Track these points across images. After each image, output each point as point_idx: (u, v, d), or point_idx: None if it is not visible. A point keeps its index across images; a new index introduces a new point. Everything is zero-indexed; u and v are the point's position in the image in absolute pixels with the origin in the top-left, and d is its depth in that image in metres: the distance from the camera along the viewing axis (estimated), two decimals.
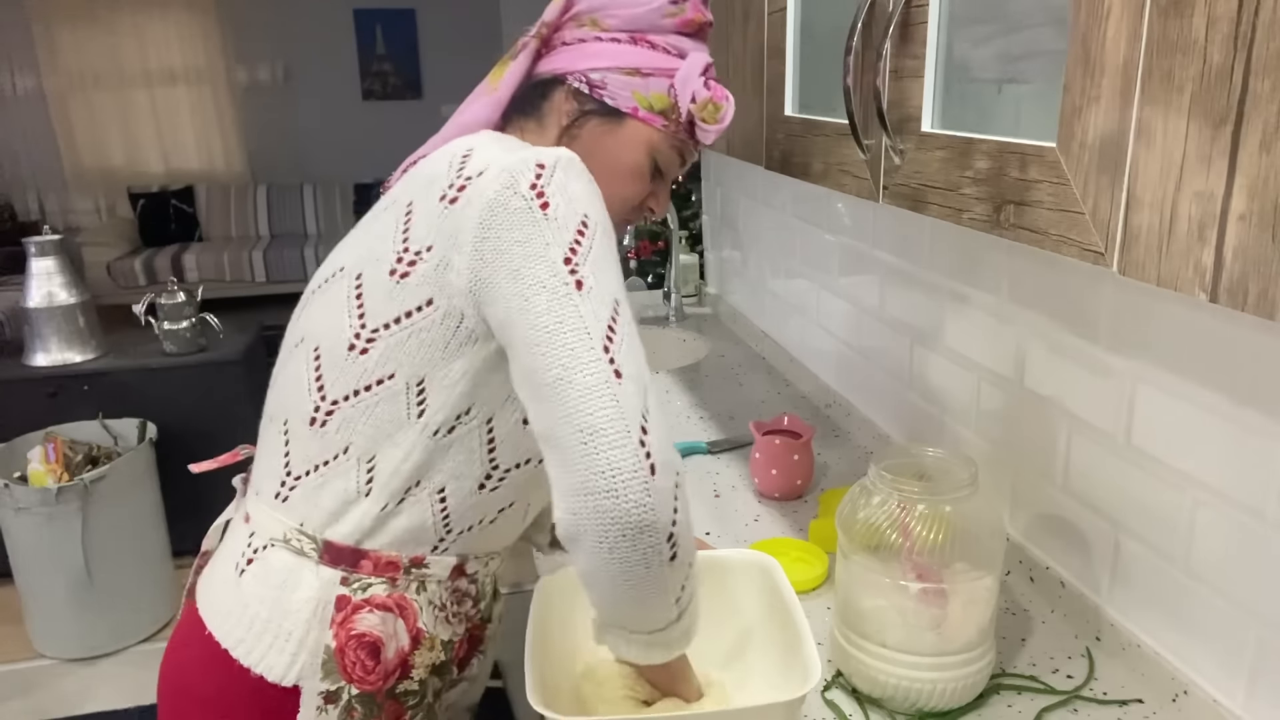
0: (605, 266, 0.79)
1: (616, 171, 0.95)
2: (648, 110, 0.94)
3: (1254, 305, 0.51)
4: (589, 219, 0.79)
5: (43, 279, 2.86)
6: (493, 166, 0.81)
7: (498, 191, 0.79)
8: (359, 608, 0.89)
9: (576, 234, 0.78)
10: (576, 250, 0.77)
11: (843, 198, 1.70)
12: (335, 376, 0.87)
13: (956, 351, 1.36)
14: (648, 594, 0.77)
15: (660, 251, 3.37)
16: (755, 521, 1.41)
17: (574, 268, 0.77)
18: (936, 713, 0.97)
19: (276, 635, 0.89)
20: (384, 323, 0.85)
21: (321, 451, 0.89)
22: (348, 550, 0.89)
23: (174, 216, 6.58)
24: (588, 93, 0.93)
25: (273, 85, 6.95)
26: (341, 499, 0.88)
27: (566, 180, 0.80)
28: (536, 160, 0.80)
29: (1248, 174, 0.51)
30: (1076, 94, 0.64)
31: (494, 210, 0.79)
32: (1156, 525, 0.99)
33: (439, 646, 0.93)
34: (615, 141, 0.94)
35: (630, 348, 0.77)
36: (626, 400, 0.74)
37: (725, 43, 1.35)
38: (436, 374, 0.84)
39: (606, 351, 0.75)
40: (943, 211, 0.82)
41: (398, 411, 0.86)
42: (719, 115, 0.95)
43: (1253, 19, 0.50)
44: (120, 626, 2.75)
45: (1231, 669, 0.92)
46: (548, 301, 0.76)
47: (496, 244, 0.79)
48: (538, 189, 0.79)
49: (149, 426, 2.85)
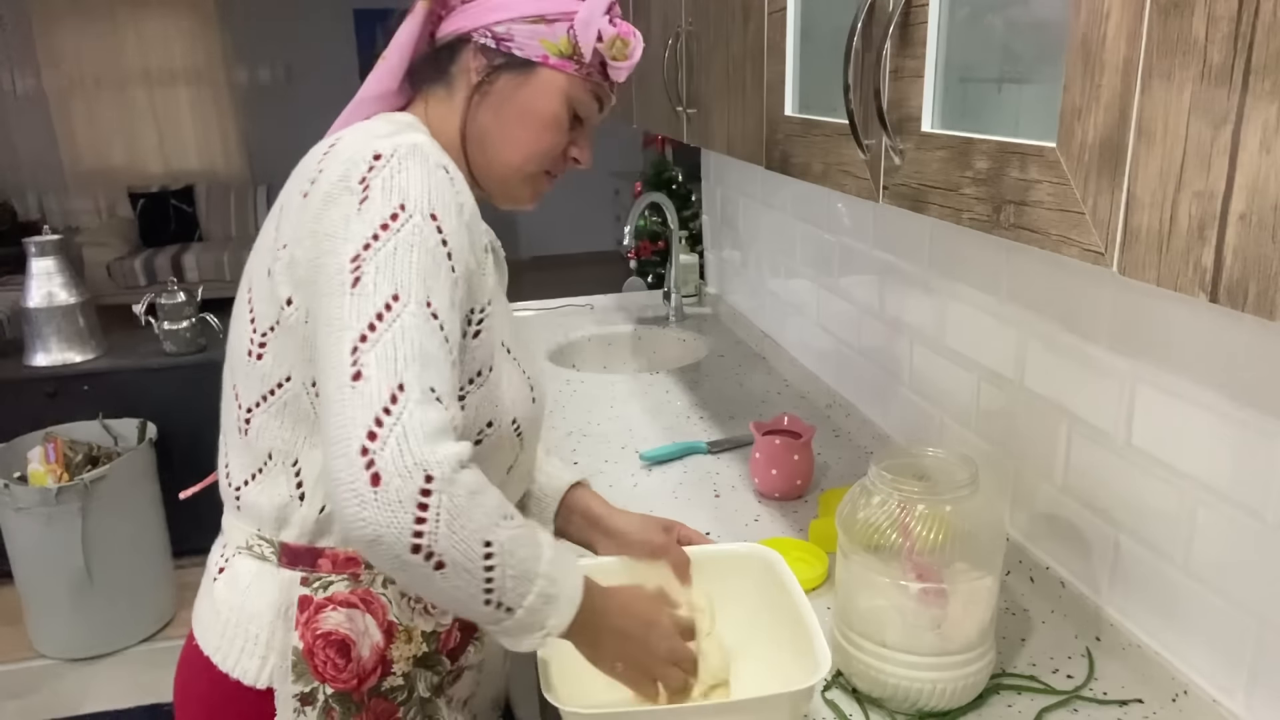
0: (402, 259, 0.76)
1: (534, 122, 0.93)
2: (557, 56, 0.91)
3: (1254, 305, 0.51)
4: (404, 207, 0.78)
5: (43, 279, 2.86)
6: (337, 159, 0.82)
7: (332, 184, 0.80)
8: (322, 606, 0.88)
9: (380, 226, 0.77)
10: (370, 244, 0.76)
11: (843, 198, 1.70)
12: (244, 385, 0.89)
13: (956, 351, 1.36)
14: (442, 598, 0.75)
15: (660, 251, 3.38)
16: (755, 521, 1.41)
17: (359, 264, 0.76)
18: (936, 713, 0.97)
19: (246, 639, 0.90)
20: (269, 325, 0.85)
21: (252, 460, 0.90)
22: (303, 550, 0.89)
23: (174, 216, 6.58)
24: (494, 47, 0.91)
25: (273, 85, 6.95)
26: (280, 504, 0.89)
27: (398, 169, 0.79)
28: (374, 151, 0.80)
29: (1248, 174, 0.51)
30: (1076, 94, 0.64)
31: (325, 203, 0.80)
32: (1156, 525, 0.99)
33: (419, 638, 0.92)
34: (529, 92, 0.92)
35: (387, 346, 0.73)
36: (352, 407, 0.70)
37: (725, 43, 1.35)
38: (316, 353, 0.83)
39: (353, 353, 0.72)
40: (943, 211, 0.82)
41: (304, 412, 0.86)
42: (628, 51, 0.93)
43: (1253, 19, 0.50)
44: (120, 626, 2.75)
45: (1231, 669, 0.92)
46: (325, 300, 0.77)
47: (315, 239, 0.80)
48: (365, 181, 0.79)
49: (149, 426, 2.85)
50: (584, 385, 2.05)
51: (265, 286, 0.86)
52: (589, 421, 1.82)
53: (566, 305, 2.70)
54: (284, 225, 0.85)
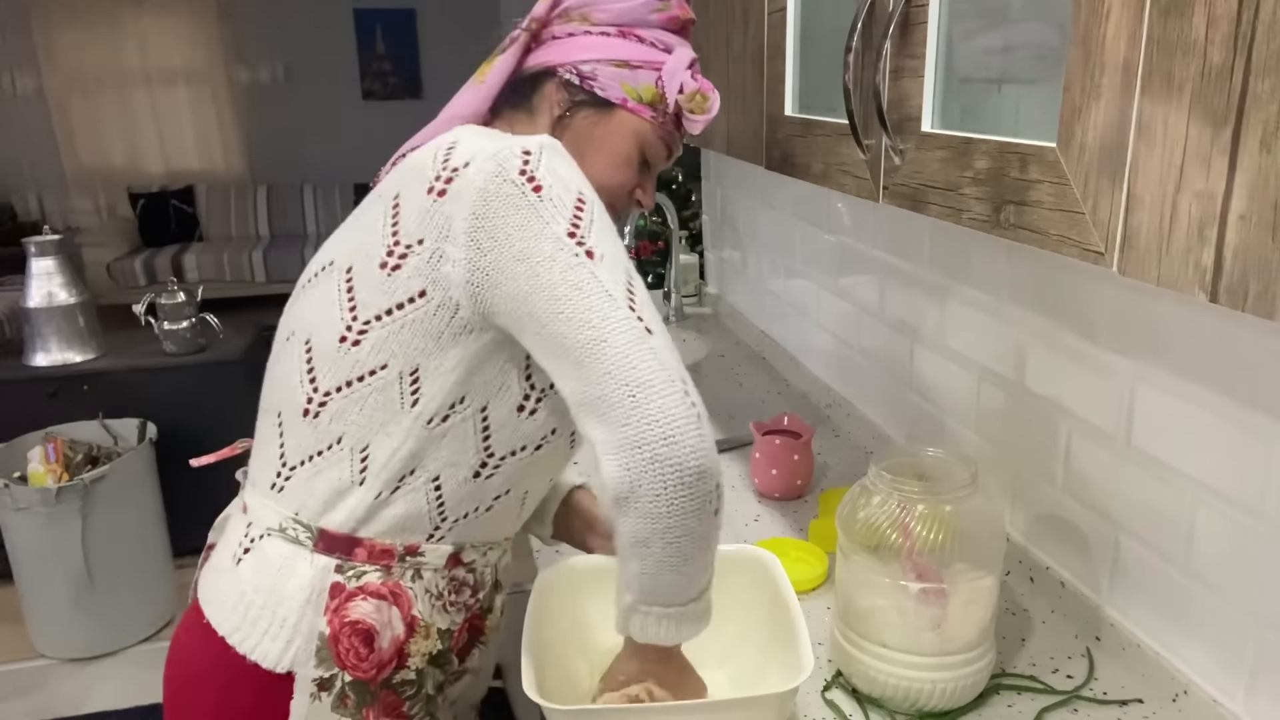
0: (610, 237, 0.80)
1: (606, 160, 0.96)
2: (636, 101, 0.95)
3: (1254, 305, 0.51)
4: (584, 195, 0.81)
5: (43, 279, 2.86)
6: (479, 156, 0.82)
7: (487, 179, 0.80)
8: (353, 595, 0.90)
9: (575, 210, 0.80)
10: (579, 224, 0.79)
11: (843, 198, 1.70)
12: (327, 368, 0.88)
13: (956, 351, 1.36)
14: (695, 551, 0.79)
15: (660, 251, 3.37)
16: (755, 521, 1.41)
17: (580, 239, 0.78)
18: (936, 713, 0.97)
19: (271, 622, 0.90)
20: (375, 314, 0.86)
21: (315, 442, 0.90)
22: (342, 538, 0.90)
23: (174, 216, 6.58)
24: (578, 84, 0.95)
25: (273, 85, 6.95)
26: (335, 488, 0.89)
27: (554, 163, 0.81)
28: (522, 147, 0.81)
29: (1248, 174, 0.51)
30: (1076, 94, 0.64)
31: (486, 199, 0.80)
32: (1156, 525, 0.99)
33: (435, 635, 0.93)
34: (605, 131, 0.96)
35: (652, 310, 0.79)
36: (663, 354, 0.77)
37: (725, 43, 1.35)
38: (430, 364, 0.85)
39: (633, 310, 0.77)
40: (943, 211, 0.82)
41: (391, 401, 0.87)
42: (706, 106, 0.97)
43: (1253, 19, 0.50)
44: (120, 626, 2.75)
45: (1231, 669, 0.92)
46: (561, 272, 0.78)
47: (493, 232, 0.79)
48: (527, 174, 0.80)
49: (149, 426, 2.85)
50: None
51: (377, 277, 0.85)
52: None
53: None
54: (408, 222, 0.84)
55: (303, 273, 0.97)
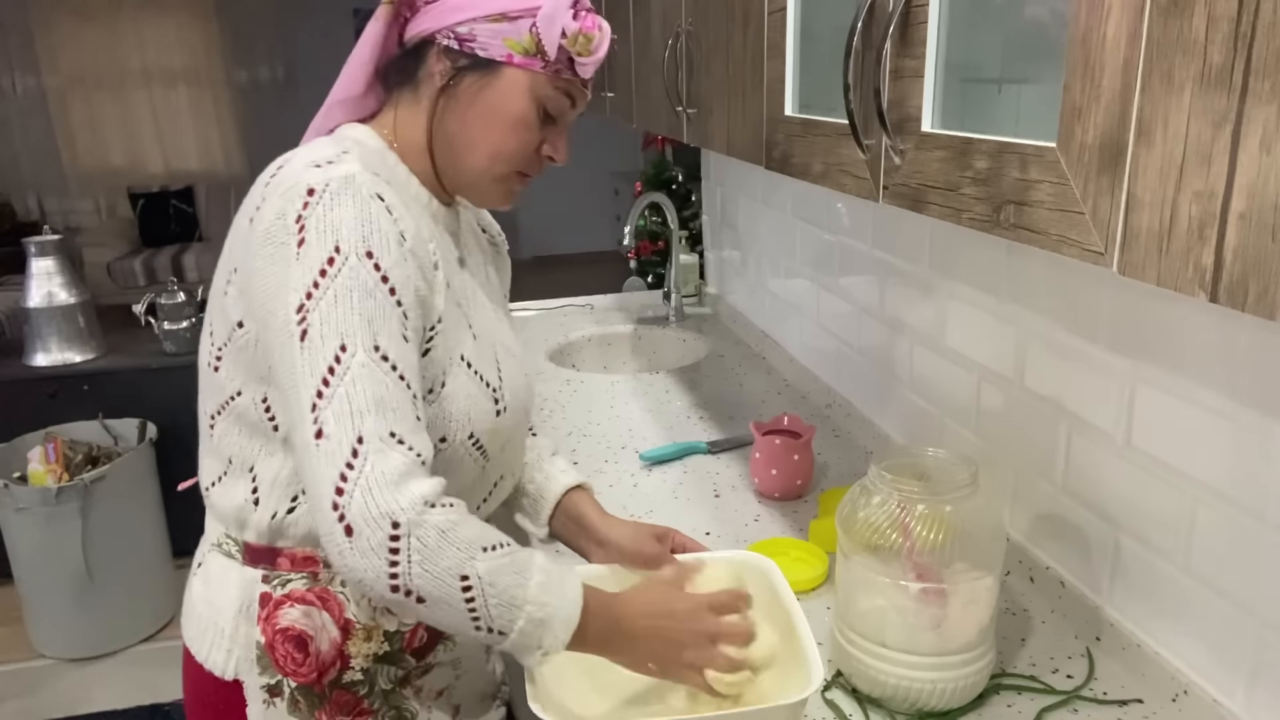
0: (343, 305, 0.78)
1: (502, 124, 0.91)
2: (522, 55, 0.89)
3: (1254, 305, 0.51)
4: (340, 250, 0.79)
5: (43, 279, 2.86)
6: (278, 188, 0.82)
7: (270, 221, 0.81)
8: (280, 603, 0.92)
9: (319, 273, 0.78)
10: (312, 294, 0.78)
11: (843, 198, 1.70)
12: (206, 393, 0.93)
13: (956, 351, 1.36)
14: (437, 625, 0.81)
15: (660, 251, 3.37)
16: (755, 521, 1.41)
17: (304, 315, 0.78)
18: (936, 713, 0.97)
19: (215, 633, 0.94)
20: (222, 341, 0.89)
21: (217, 465, 0.93)
22: (263, 549, 0.93)
23: (174, 216, 6.58)
24: (458, 48, 0.89)
25: (273, 85, 6.95)
26: (238, 506, 0.92)
27: (331, 206, 0.80)
28: (308, 186, 0.81)
29: (1248, 174, 0.51)
30: (1076, 94, 0.64)
31: (265, 239, 0.81)
32: (1156, 525, 0.99)
33: (379, 637, 0.94)
34: (495, 93, 0.90)
35: (345, 399, 0.76)
36: (321, 464, 0.76)
37: (725, 43, 1.35)
38: (274, 391, 0.86)
39: (313, 409, 0.76)
40: (943, 211, 0.82)
41: (257, 424, 0.89)
42: (591, 46, 0.90)
43: (1253, 19, 0.49)
44: (120, 626, 2.75)
45: (1231, 669, 0.92)
46: (280, 350, 0.79)
47: (262, 280, 0.81)
48: (301, 221, 0.79)
49: (149, 426, 2.85)
50: (584, 385, 2.05)
51: (219, 303, 0.89)
52: (589, 421, 1.82)
53: (566, 305, 2.70)
54: (234, 249, 0.87)
55: None
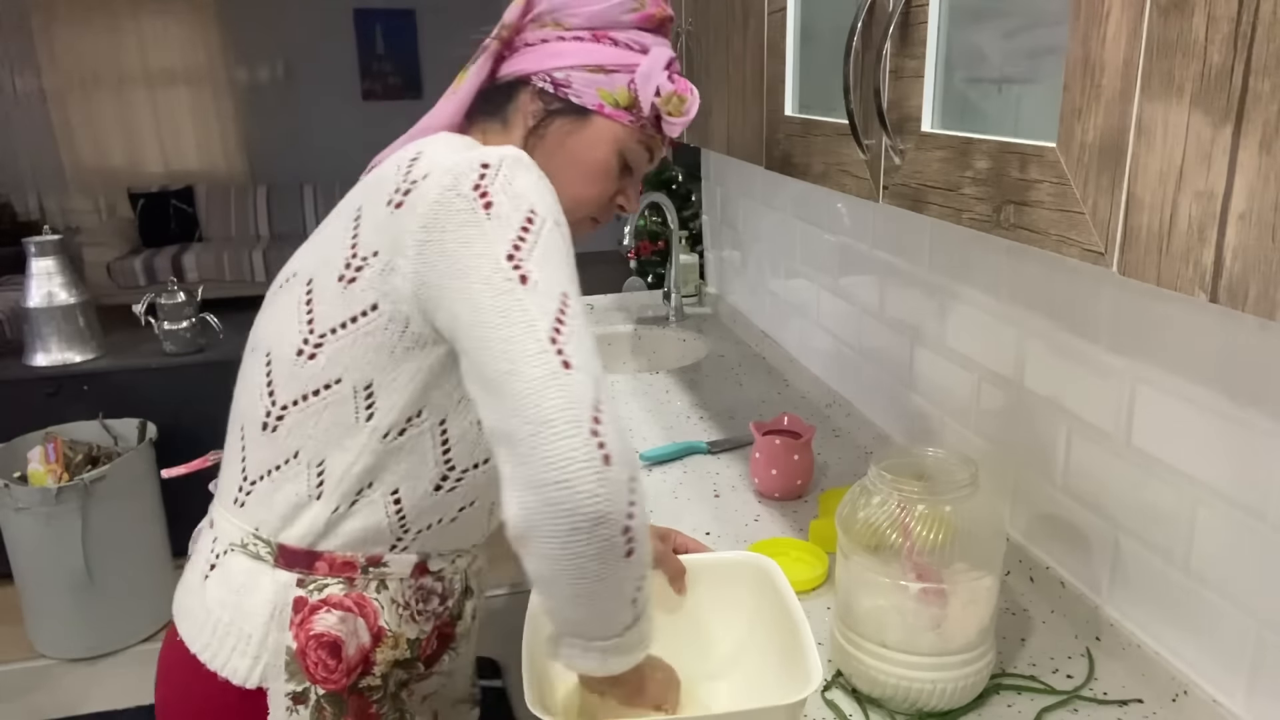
0: (553, 260, 0.77)
1: (584, 169, 0.95)
2: (613, 106, 0.93)
3: (1254, 305, 0.51)
4: (535, 213, 0.78)
5: (43, 279, 2.86)
6: (436, 169, 0.81)
7: (440, 193, 0.79)
8: (316, 608, 0.90)
9: (521, 229, 0.77)
10: (520, 245, 0.76)
11: (843, 198, 1.70)
12: (284, 382, 0.88)
13: (956, 351, 1.36)
14: (604, 593, 0.75)
15: (660, 251, 3.37)
16: (755, 521, 1.41)
17: (518, 263, 0.75)
18: (936, 713, 0.97)
19: (239, 639, 0.90)
20: (331, 328, 0.85)
21: (274, 456, 0.90)
22: (301, 553, 0.90)
23: (174, 216, 6.58)
24: (552, 92, 0.93)
25: (273, 85, 6.95)
26: (293, 503, 0.89)
27: (512, 177, 0.79)
28: (481, 160, 0.79)
29: (1248, 174, 0.51)
30: (1076, 94, 0.64)
31: (436, 212, 0.78)
32: (1156, 525, 0.99)
33: (403, 644, 0.93)
34: (582, 140, 0.94)
35: (580, 340, 0.74)
36: (576, 390, 0.71)
37: (725, 43, 1.35)
38: (384, 378, 0.84)
39: (554, 343, 0.73)
40: (943, 211, 0.82)
41: (346, 415, 0.86)
42: (684, 108, 0.95)
43: (1253, 19, 0.50)
44: (120, 626, 2.75)
45: (1231, 669, 0.92)
46: (492, 298, 0.75)
47: (440, 246, 0.78)
48: (480, 189, 0.78)
49: (149, 426, 2.85)
50: None
51: (334, 290, 0.85)
52: None
53: None
54: (366, 234, 0.84)
55: (271, 284, 0.96)
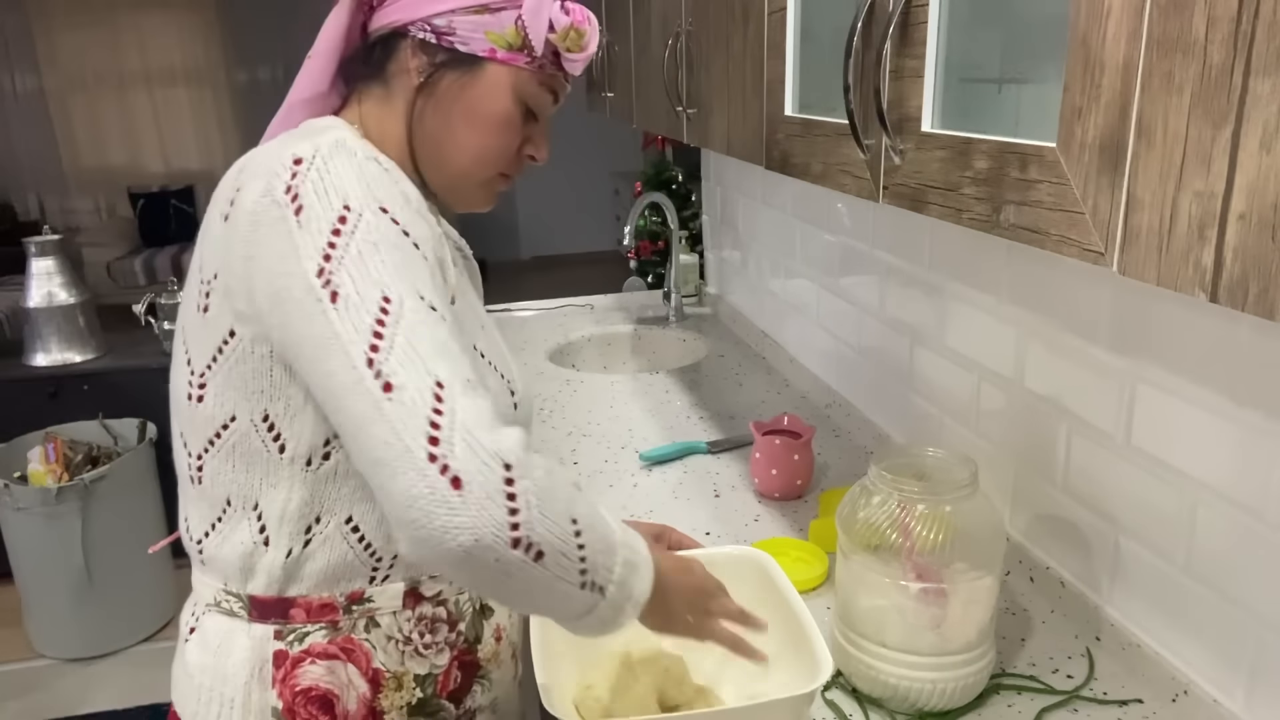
0: (371, 260, 0.70)
1: (484, 123, 0.85)
2: (505, 50, 0.83)
3: (1254, 305, 0.51)
4: (349, 208, 0.72)
5: (43, 279, 2.86)
6: (256, 172, 0.75)
7: (255, 201, 0.74)
8: (299, 661, 0.83)
9: (332, 234, 0.71)
10: (330, 254, 0.70)
11: (843, 198, 1.70)
12: (190, 430, 0.83)
13: (956, 351, 1.36)
14: (540, 591, 0.69)
15: (660, 251, 3.37)
16: (755, 521, 1.41)
17: (327, 278, 0.70)
18: (936, 713, 0.97)
19: (221, 703, 0.84)
20: (205, 364, 0.80)
21: (210, 509, 0.84)
22: (273, 601, 0.83)
23: (174, 216, 6.58)
24: (435, 42, 0.82)
25: (273, 85, 6.95)
26: (243, 552, 0.82)
27: (325, 170, 0.73)
28: (293, 156, 0.74)
29: (1248, 174, 0.51)
30: (1076, 94, 0.64)
31: (255, 224, 0.74)
32: (1156, 525, 0.99)
33: (410, 684, 0.86)
34: (477, 91, 0.84)
35: (405, 348, 0.68)
36: (400, 416, 0.65)
37: (725, 43, 1.35)
38: (276, 406, 0.78)
39: (371, 366, 0.67)
40: (943, 211, 0.81)
41: (257, 452, 0.80)
42: (583, 41, 0.84)
43: (1253, 19, 0.49)
44: (120, 626, 2.75)
45: (1231, 669, 0.92)
46: (307, 325, 0.70)
47: (260, 262, 0.73)
48: (291, 190, 0.72)
49: (149, 426, 2.85)
50: (584, 385, 2.05)
51: (197, 322, 0.80)
52: (589, 421, 1.82)
53: (566, 305, 2.70)
54: (207, 254, 0.79)
55: None
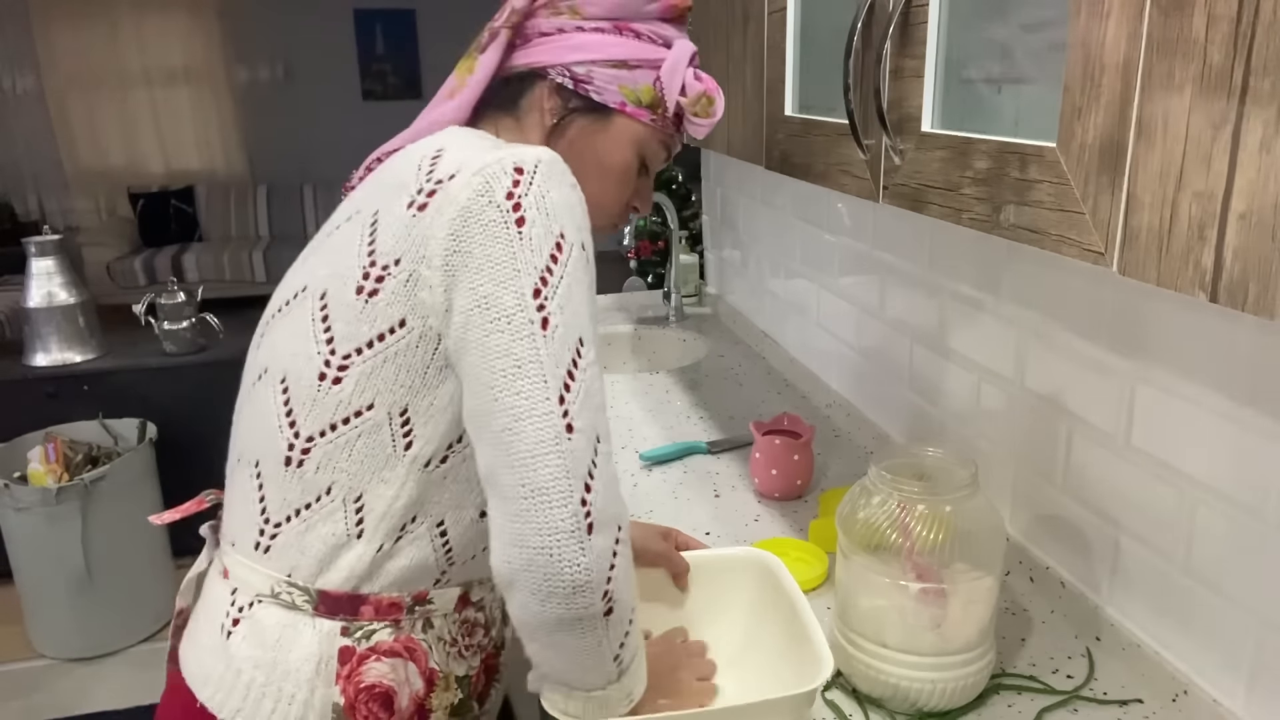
0: (576, 296, 0.74)
1: (605, 172, 0.90)
2: (635, 105, 0.87)
3: (1254, 305, 0.51)
4: (565, 237, 0.74)
5: (43, 279, 2.86)
6: (465, 169, 0.75)
7: (470, 198, 0.73)
8: (365, 658, 0.83)
9: (550, 258, 0.73)
10: (548, 280, 0.72)
11: (843, 198, 1.70)
12: (307, 410, 0.80)
13: (956, 351, 1.36)
14: (583, 651, 0.74)
15: (660, 251, 3.37)
16: (755, 521, 1.41)
17: (542, 302, 0.72)
18: (936, 713, 0.97)
19: (278, 700, 0.82)
20: (356, 348, 0.78)
21: (302, 494, 0.81)
22: (345, 598, 0.82)
23: (174, 216, 6.58)
24: (572, 88, 0.87)
25: (273, 85, 6.95)
26: (331, 544, 0.81)
27: (546, 188, 0.74)
28: (515, 164, 0.74)
29: (1248, 174, 0.51)
30: (1076, 94, 0.64)
31: (466, 220, 0.73)
32: (1156, 525, 0.99)
33: (454, 684, 0.88)
34: (603, 140, 0.89)
35: (588, 395, 0.73)
36: (573, 456, 0.70)
37: (725, 43, 1.35)
38: (420, 402, 0.78)
39: (562, 403, 0.71)
40: (943, 211, 0.82)
41: (382, 445, 0.79)
42: (711, 109, 0.89)
43: (1253, 19, 0.50)
44: (120, 626, 2.75)
45: (1231, 669, 0.92)
46: (510, 340, 0.72)
47: (466, 259, 0.73)
48: (515, 199, 0.73)
49: (149, 426, 2.85)
50: None
51: (356, 305, 0.77)
52: None
53: None
54: (385, 240, 0.77)
55: (270, 301, 0.88)
